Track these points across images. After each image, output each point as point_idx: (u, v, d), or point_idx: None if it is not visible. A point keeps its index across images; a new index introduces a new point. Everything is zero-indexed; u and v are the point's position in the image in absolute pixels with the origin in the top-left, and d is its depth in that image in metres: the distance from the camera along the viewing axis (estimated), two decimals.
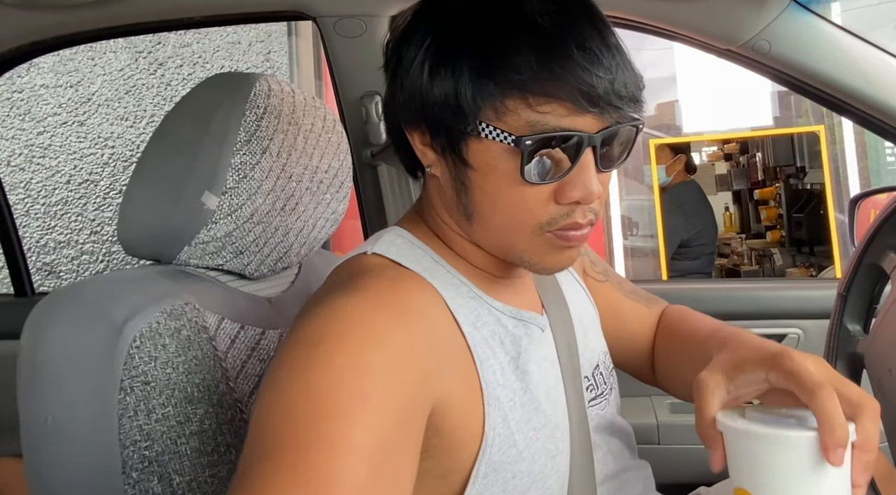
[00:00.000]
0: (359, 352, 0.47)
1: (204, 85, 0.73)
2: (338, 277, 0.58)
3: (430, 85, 0.54)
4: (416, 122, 0.56)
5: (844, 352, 0.90)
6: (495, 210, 0.55)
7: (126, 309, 0.58)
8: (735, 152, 3.53)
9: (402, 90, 0.56)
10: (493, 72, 0.51)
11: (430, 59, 0.54)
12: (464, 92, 0.52)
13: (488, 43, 0.52)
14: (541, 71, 0.50)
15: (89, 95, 2.02)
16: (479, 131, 0.52)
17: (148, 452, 0.57)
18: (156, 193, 0.67)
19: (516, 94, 0.51)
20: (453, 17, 0.54)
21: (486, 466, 0.54)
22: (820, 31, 1.03)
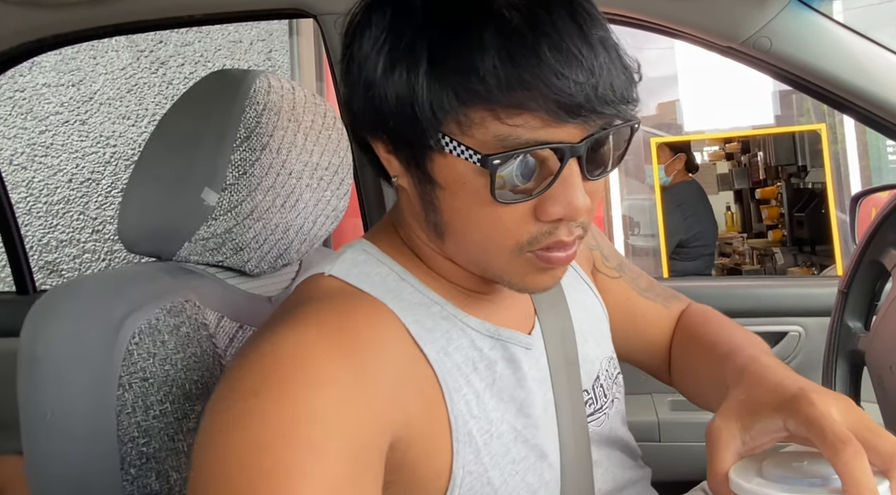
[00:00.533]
0: (303, 398, 0.42)
1: (204, 81, 0.73)
2: (288, 304, 0.53)
3: (384, 90, 0.46)
4: (375, 129, 0.49)
5: (845, 350, 0.90)
6: (468, 229, 0.49)
7: (125, 305, 0.58)
8: (736, 151, 3.52)
9: (357, 94, 0.49)
10: (452, 80, 0.43)
11: (383, 61, 0.46)
12: (421, 102, 0.45)
13: (448, 44, 0.44)
14: (508, 79, 0.42)
15: (91, 94, 2.02)
16: (443, 146, 0.46)
17: (146, 449, 0.57)
18: (156, 190, 0.67)
19: (481, 105, 0.43)
20: (409, 10, 0.46)
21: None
22: (821, 28, 1.03)
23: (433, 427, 0.49)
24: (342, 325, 0.47)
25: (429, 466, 0.49)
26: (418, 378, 0.50)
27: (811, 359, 1.21)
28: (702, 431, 1.19)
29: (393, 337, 0.50)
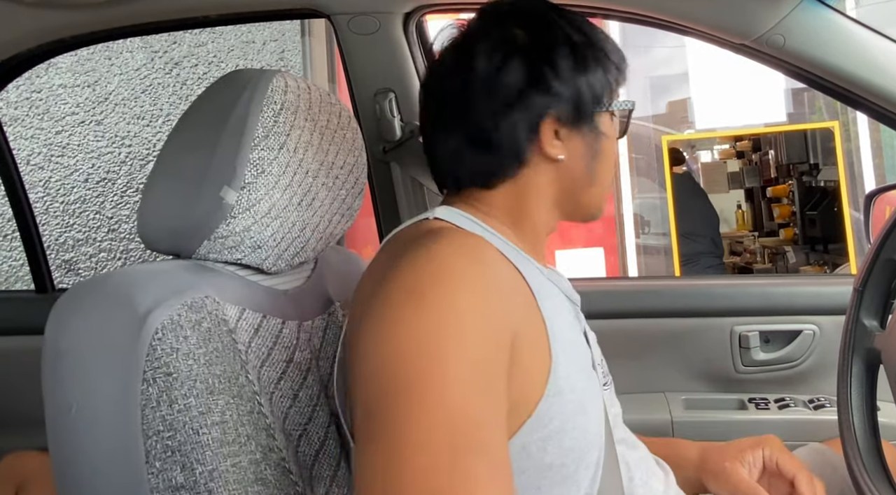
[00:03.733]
0: (451, 299, 0.54)
1: (222, 81, 0.74)
2: (409, 238, 0.66)
3: (572, 84, 0.68)
4: (541, 117, 0.68)
5: (861, 348, 0.89)
6: (609, 167, 0.74)
7: (149, 300, 0.59)
8: (747, 150, 3.49)
9: (545, 95, 0.67)
10: (614, 72, 0.71)
11: (576, 70, 0.68)
12: (613, 80, 0.71)
13: (610, 47, 0.72)
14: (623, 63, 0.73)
15: (106, 95, 2.04)
16: (605, 106, 0.71)
17: (171, 442, 0.58)
18: (176, 188, 0.68)
19: (622, 79, 0.73)
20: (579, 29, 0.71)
21: (553, 388, 0.60)
22: (835, 24, 1.02)
23: (536, 332, 0.62)
24: (469, 243, 0.60)
25: (534, 359, 0.60)
26: (524, 293, 0.63)
27: (826, 357, 1.21)
28: (715, 430, 1.20)
29: (500, 259, 0.62)
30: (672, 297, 1.25)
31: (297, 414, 0.72)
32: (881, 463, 0.83)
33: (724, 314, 1.24)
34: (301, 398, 0.73)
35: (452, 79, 0.70)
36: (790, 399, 1.20)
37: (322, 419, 0.75)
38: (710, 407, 1.22)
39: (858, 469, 0.82)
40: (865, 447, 0.84)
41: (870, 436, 0.85)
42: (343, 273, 0.93)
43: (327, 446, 0.74)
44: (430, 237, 0.61)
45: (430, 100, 0.73)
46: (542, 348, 0.61)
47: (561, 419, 0.60)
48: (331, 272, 0.90)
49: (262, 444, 0.63)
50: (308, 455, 0.71)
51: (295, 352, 0.74)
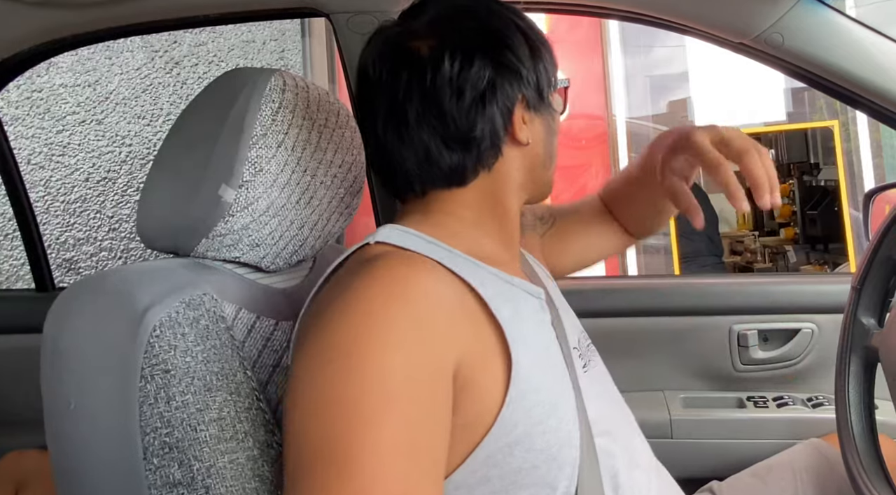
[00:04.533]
0: (378, 359, 0.53)
1: (221, 79, 0.74)
2: (347, 270, 0.63)
3: (532, 68, 0.70)
4: (512, 104, 0.69)
5: (859, 346, 0.90)
6: (555, 144, 0.77)
7: (146, 298, 0.60)
8: None
9: (514, 82, 0.69)
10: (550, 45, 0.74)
11: (532, 55, 0.70)
12: (554, 59, 0.74)
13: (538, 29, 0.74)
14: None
15: (107, 94, 2.05)
16: (557, 85, 0.75)
17: (168, 439, 0.58)
18: (174, 186, 0.68)
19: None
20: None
21: (514, 394, 0.59)
22: (834, 23, 1.02)
23: (488, 345, 0.60)
24: (398, 275, 0.58)
25: (487, 373, 0.59)
26: (470, 309, 0.61)
27: (824, 356, 1.21)
28: (713, 428, 1.20)
29: (442, 278, 0.61)
30: (671, 296, 1.26)
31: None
32: (878, 460, 0.83)
33: (722, 312, 1.24)
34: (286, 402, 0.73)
35: (411, 84, 0.66)
36: (789, 397, 1.20)
37: None
38: (708, 406, 1.22)
39: (855, 466, 0.83)
40: (863, 444, 0.85)
41: (867, 434, 0.86)
42: None
43: None
44: (361, 273, 0.59)
45: (379, 109, 0.69)
46: (497, 359, 0.60)
47: (526, 423, 0.59)
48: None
49: (259, 440, 0.63)
50: None
51: (283, 355, 0.75)
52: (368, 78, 0.70)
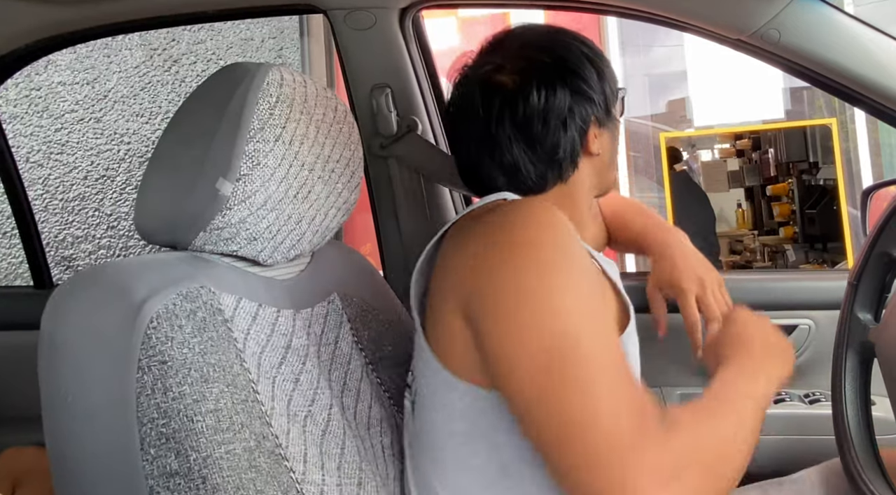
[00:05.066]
0: (565, 245, 0.67)
1: (218, 74, 0.74)
2: (492, 208, 0.75)
3: (601, 91, 0.82)
4: (586, 123, 0.81)
5: (855, 342, 0.90)
6: (617, 147, 0.90)
7: (144, 290, 0.60)
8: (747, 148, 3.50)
9: (588, 106, 0.81)
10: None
11: (599, 78, 0.82)
12: (614, 83, 0.85)
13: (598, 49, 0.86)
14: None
15: (105, 92, 2.05)
16: (616, 97, 0.86)
17: (165, 429, 0.58)
18: (172, 180, 0.68)
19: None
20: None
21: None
22: (830, 19, 1.02)
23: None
24: (550, 208, 0.71)
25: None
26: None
27: (821, 352, 1.21)
28: None
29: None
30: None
31: (301, 396, 0.73)
32: (875, 456, 0.83)
33: None
34: (302, 382, 0.74)
35: (503, 114, 0.79)
36: (786, 393, 1.20)
37: (323, 401, 0.75)
38: None
39: (852, 462, 0.83)
40: (859, 440, 0.85)
41: (863, 430, 0.86)
42: (341, 267, 0.93)
43: (331, 427, 0.74)
44: (518, 204, 0.73)
45: (472, 134, 0.82)
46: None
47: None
48: (329, 265, 0.90)
49: (255, 432, 0.63)
50: (315, 434, 0.72)
51: (292, 338, 0.75)
52: (464, 110, 0.83)
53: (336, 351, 0.82)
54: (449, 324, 0.70)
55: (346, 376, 0.82)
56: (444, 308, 0.71)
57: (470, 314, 0.67)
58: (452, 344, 0.71)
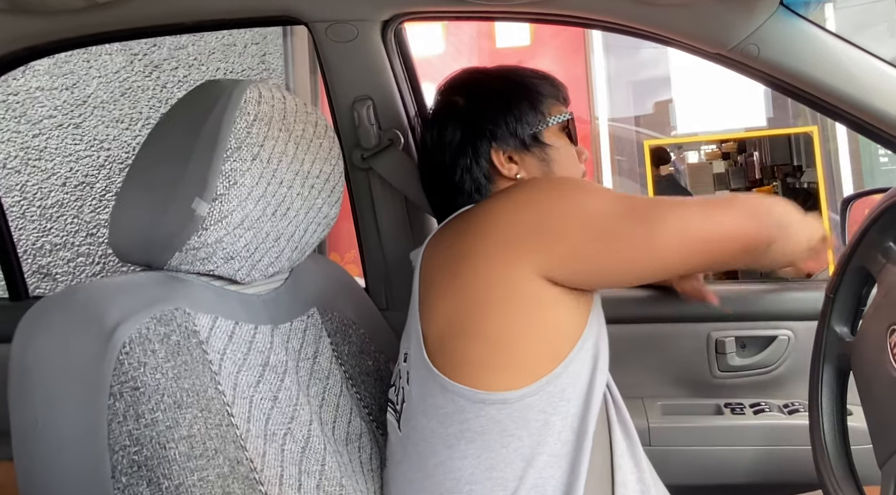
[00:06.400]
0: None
1: (195, 92, 0.73)
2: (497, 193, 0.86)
3: (512, 117, 0.89)
4: (502, 146, 0.89)
5: (832, 354, 0.91)
6: (569, 166, 0.91)
7: (116, 314, 0.59)
8: (733, 151, 3.52)
9: (487, 136, 0.88)
10: (550, 91, 0.94)
11: (507, 106, 0.89)
12: (543, 105, 0.91)
13: (537, 82, 0.94)
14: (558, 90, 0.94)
15: (85, 98, 2.02)
16: (545, 125, 0.90)
17: (137, 457, 0.57)
18: (147, 200, 0.68)
19: (554, 100, 0.93)
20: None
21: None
22: (808, 35, 1.03)
23: None
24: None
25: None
26: None
27: (800, 362, 1.22)
28: (690, 436, 1.20)
29: None
30: (649, 304, 1.26)
31: (280, 413, 0.72)
32: (850, 467, 0.84)
33: (701, 320, 1.25)
34: (281, 399, 0.73)
35: (436, 147, 0.92)
36: (765, 404, 1.21)
37: (303, 418, 0.75)
38: (686, 413, 1.23)
39: (827, 473, 0.84)
40: (834, 451, 0.86)
41: (839, 441, 0.87)
42: (321, 280, 0.93)
43: (312, 443, 0.74)
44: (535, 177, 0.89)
45: (428, 161, 0.95)
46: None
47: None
48: (308, 278, 0.90)
49: (229, 457, 0.63)
50: (295, 452, 0.71)
51: (270, 355, 0.75)
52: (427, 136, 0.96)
53: (315, 366, 0.82)
54: (497, 309, 0.73)
55: (325, 391, 0.81)
56: (463, 308, 0.75)
57: (555, 265, 0.72)
58: (461, 343, 0.74)
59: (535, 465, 0.71)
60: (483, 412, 0.71)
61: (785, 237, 0.78)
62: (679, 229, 0.71)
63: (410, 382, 0.78)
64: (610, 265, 0.73)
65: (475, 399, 0.71)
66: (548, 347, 0.72)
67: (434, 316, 0.76)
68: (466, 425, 0.72)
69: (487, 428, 0.71)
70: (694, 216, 0.73)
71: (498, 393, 0.71)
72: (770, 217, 0.77)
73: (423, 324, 0.77)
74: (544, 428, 0.71)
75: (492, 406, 0.71)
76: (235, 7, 1.06)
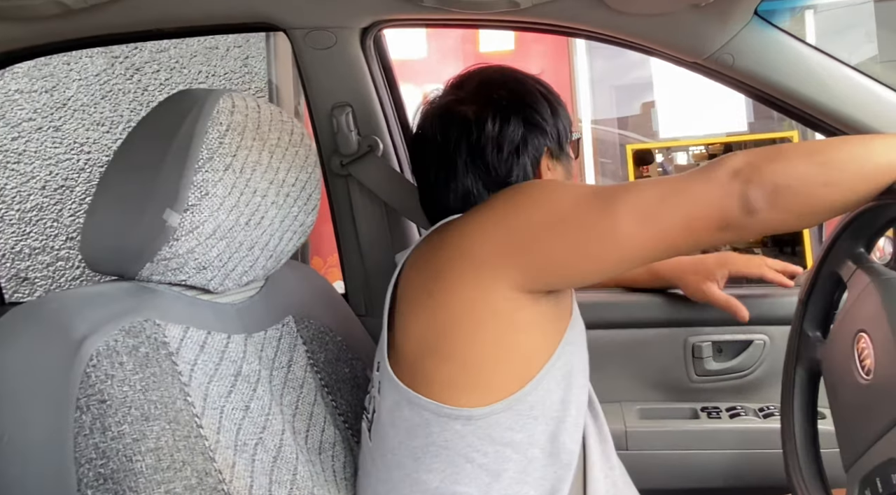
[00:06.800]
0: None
1: (167, 102, 0.73)
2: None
3: (553, 124, 0.87)
4: (539, 155, 0.86)
5: (805, 358, 0.92)
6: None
7: (84, 327, 0.59)
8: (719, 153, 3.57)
9: (540, 136, 0.86)
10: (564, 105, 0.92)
11: (552, 113, 0.88)
12: (567, 122, 0.90)
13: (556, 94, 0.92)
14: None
15: (65, 100, 2.01)
16: (572, 136, 0.92)
17: (103, 470, 0.57)
18: (118, 210, 0.68)
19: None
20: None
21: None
22: (782, 45, 1.05)
23: None
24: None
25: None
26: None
27: (776, 366, 1.23)
28: (667, 440, 1.21)
29: None
30: (628, 309, 1.27)
31: (251, 424, 0.72)
32: (819, 471, 0.85)
33: (678, 325, 1.26)
34: (253, 409, 0.73)
35: (460, 141, 0.84)
36: (741, 408, 1.23)
37: (275, 427, 0.75)
38: (663, 417, 1.24)
39: (796, 476, 0.85)
40: (804, 455, 0.87)
41: (809, 446, 0.88)
42: (298, 288, 0.93)
43: (283, 453, 0.74)
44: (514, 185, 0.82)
45: (432, 160, 0.86)
46: None
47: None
48: (285, 286, 0.90)
49: (197, 469, 0.63)
50: (266, 462, 0.71)
51: (242, 364, 0.75)
52: (425, 136, 0.88)
53: (289, 374, 0.82)
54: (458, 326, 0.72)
55: (299, 400, 0.82)
56: (440, 317, 0.73)
57: (531, 276, 0.71)
58: (429, 356, 0.73)
59: (501, 481, 0.71)
60: (448, 426, 0.71)
61: (783, 202, 0.66)
62: (639, 215, 0.68)
63: (381, 392, 0.78)
64: (583, 261, 0.71)
65: (440, 413, 0.71)
66: (518, 367, 0.72)
67: (407, 333, 0.75)
68: (431, 439, 0.72)
69: (452, 442, 0.71)
70: (651, 199, 0.68)
71: (464, 409, 0.70)
72: (737, 181, 0.65)
73: (395, 337, 0.77)
74: (509, 446, 0.71)
75: (457, 421, 0.71)
76: (214, 13, 1.06)
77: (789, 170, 0.66)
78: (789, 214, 0.68)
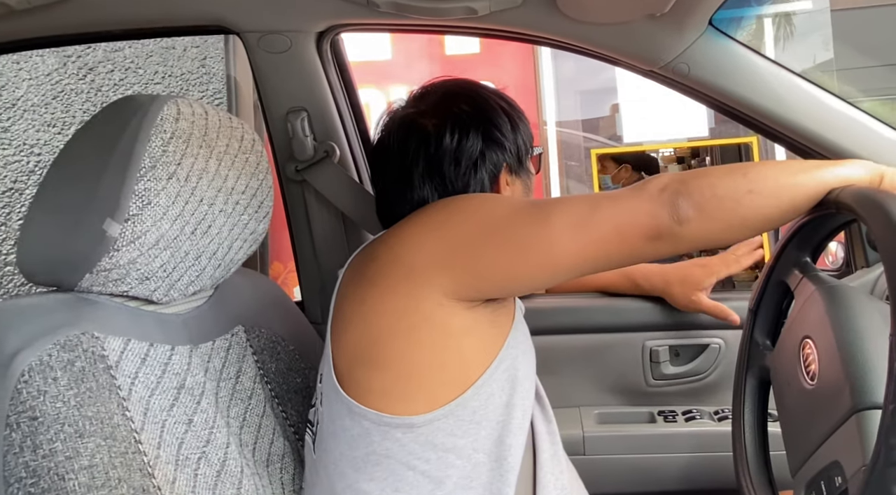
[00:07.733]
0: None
1: (110, 108, 0.71)
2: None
3: (513, 140, 0.87)
4: (497, 171, 0.86)
5: (755, 365, 0.94)
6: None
7: (16, 342, 0.57)
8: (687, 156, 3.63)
9: (499, 152, 0.86)
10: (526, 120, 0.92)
11: (513, 129, 0.88)
12: (529, 131, 0.91)
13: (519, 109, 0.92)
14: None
15: (14, 100, 1.94)
16: (533, 151, 0.92)
17: (33, 489, 0.55)
18: (56, 220, 0.65)
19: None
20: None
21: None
22: (736, 55, 1.07)
23: None
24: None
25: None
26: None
27: (731, 370, 1.24)
28: (624, 444, 1.22)
29: None
30: (586, 314, 1.28)
31: (194, 438, 0.71)
32: (768, 474, 0.87)
33: (636, 329, 1.27)
34: (196, 422, 0.71)
35: (418, 152, 0.84)
36: (697, 411, 1.24)
37: (220, 440, 0.73)
38: (621, 421, 1.25)
39: (746, 482, 0.86)
40: (754, 460, 0.89)
41: (759, 451, 0.90)
42: (249, 296, 0.91)
43: (227, 467, 0.72)
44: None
45: (391, 170, 0.86)
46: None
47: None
48: (235, 295, 0.88)
49: (134, 486, 0.61)
50: (209, 477, 0.70)
51: (186, 377, 0.73)
52: (384, 146, 0.87)
53: (237, 385, 0.80)
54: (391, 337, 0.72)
55: (247, 411, 0.80)
56: (379, 325, 0.73)
57: (463, 285, 0.71)
58: (367, 365, 0.72)
59: (444, 487, 0.71)
60: (388, 435, 0.71)
61: (711, 209, 0.69)
62: (571, 225, 0.69)
63: (323, 403, 0.77)
64: (517, 271, 0.71)
65: (380, 422, 0.71)
66: (456, 374, 0.72)
67: (343, 342, 0.75)
68: (372, 448, 0.71)
69: (393, 451, 0.71)
70: (583, 209, 0.70)
71: (404, 417, 0.70)
72: (665, 193, 0.68)
73: (333, 347, 0.76)
74: (452, 451, 0.71)
75: (397, 429, 0.70)
76: (167, 15, 1.04)
77: (714, 181, 0.70)
78: (719, 222, 0.70)
